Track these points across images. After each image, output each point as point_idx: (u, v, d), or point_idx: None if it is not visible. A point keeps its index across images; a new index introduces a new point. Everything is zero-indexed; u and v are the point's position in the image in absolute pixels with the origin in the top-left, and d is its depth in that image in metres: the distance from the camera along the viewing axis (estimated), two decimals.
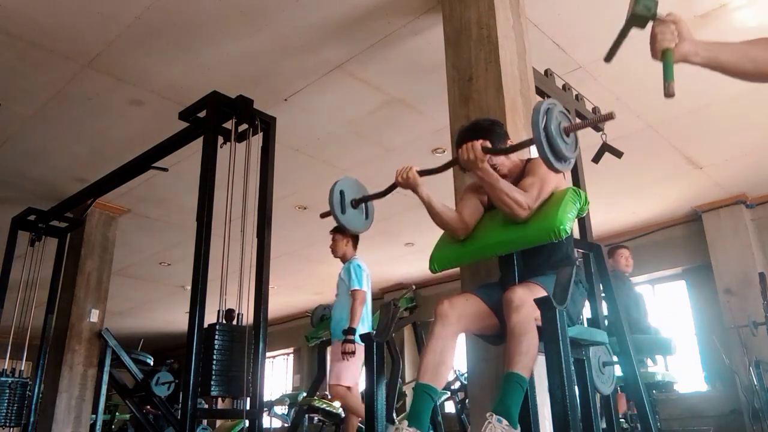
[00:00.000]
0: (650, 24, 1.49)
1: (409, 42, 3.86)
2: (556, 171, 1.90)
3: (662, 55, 1.43)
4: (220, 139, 3.42)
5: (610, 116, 1.81)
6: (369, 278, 4.45)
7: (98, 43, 3.80)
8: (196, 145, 3.54)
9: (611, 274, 4.93)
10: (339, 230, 4.57)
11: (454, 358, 2.09)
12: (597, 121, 1.88)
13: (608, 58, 1.54)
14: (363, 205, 2.49)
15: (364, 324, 4.30)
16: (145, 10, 3.51)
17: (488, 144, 2.12)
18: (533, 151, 2.73)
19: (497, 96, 2.74)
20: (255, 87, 4.12)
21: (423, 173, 2.25)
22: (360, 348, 4.18)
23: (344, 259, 4.52)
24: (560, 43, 3.92)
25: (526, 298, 1.95)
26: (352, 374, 4.22)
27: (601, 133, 3.69)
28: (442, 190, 2.37)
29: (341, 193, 2.42)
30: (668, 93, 1.40)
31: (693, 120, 4.82)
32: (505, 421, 1.79)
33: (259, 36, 3.79)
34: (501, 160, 2.25)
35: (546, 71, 3.34)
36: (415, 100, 4.54)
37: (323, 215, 2.46)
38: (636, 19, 1.52)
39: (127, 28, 3.66)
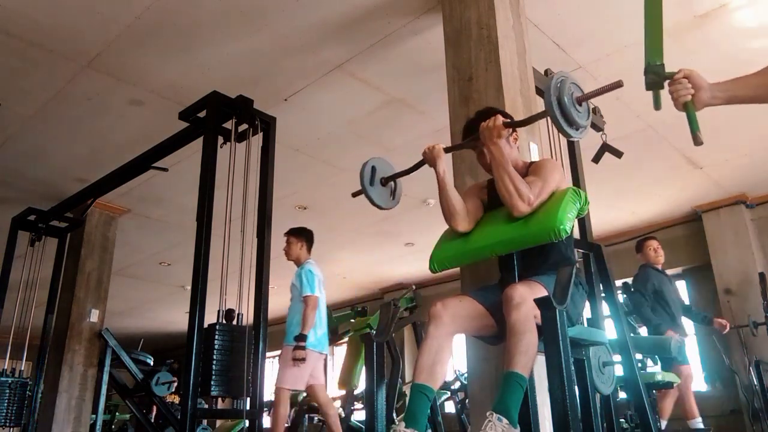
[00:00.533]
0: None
1: (409, 42, 3.86)
2: (570, 138, 1.98)
3: (684, 108, 1.57)
4: (220, 139, 3.42)
5: (618, 84, 1.89)
6: (322, 283, 4.46)
7: (98, 43, 3.80)
8: (196, 145, 3.54)
9: (642, 268, 4.92)
10: (293, 233, 4.61)
11: (450, 358, 2.09)
12: (606, 90, 1.96)
13: (657, 106, 1.68)
14: (391, 184, 2.59)
15: (317, 330, 4.34)
16: (145, 10, 3.51)
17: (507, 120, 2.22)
18: (534, 153, 2.74)
19: (497, 96, 2.74)
20: (255, 87, 4.12)
21: (448, 149, 2.37)
22: (311, 354, 4.23)
23: (298, 263, 4.56)
24: (560, 43, 3.92)
25: (526, 296, 1.94)
26: (295, 379, 4.26)
27: (601, 133, 3.70)
28: None
29: (373, 168, 2.53)
30: (697, 142, 1.53)
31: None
32: (505, 420, 1.78)
33: (259, 36, 3.79)
34: (506, 151, 2.26)
35: (546, 71, 3.34)
36: (415, 100, 4.54)
37: (355, 194, 2.57)
38: (653, 86, 1.67)
39: (127, 28, 3.66)
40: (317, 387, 4.39)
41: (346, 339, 5.93)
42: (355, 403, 5.85)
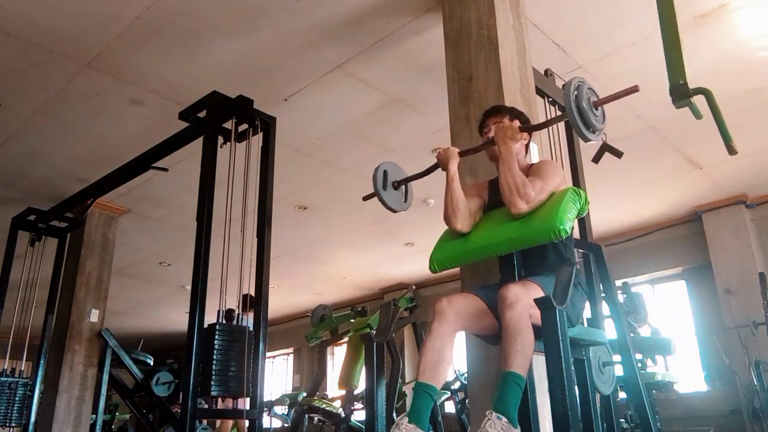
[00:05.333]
0: None
1: (409, 42, 3.86)
2: (587, 140, 2.04)
3: (716, 119, 1.66)
4: (220, 139, 3.42)
5: (634, 89, 1.96)
6: None
7: (98, 43, 3.80)
8: (196, 145, 3.54)
9: None
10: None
11: (452, 356, 2.09)
12: (622, 95, 2.00)
13: (697, 117, 1.79)
14: (403, 188, 2.67)
15: None
16: (145, 10, 3.51)
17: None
18: (534, 154, 2.74)
19: (497, 96, 2.74)
20: (255, 87, 4.12)
21: (463, 153, 2.42)
22: None
23: None
24: (560, 43, 3.92)
25: (520, 295, 1.95)
26: None
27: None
28: (443, 189, 2.38)
29: (385, 173, 2.58)
30: (732, 151, 1.63)
31: (693, 120, 4.80)
32: (504, 419, 1.79)
33: (259, 36, 3.79)
34: (517, 150, 2.31)
35: (546, 71, 3.34)
36: (415, 100, 4.54)
37: (366, 197, 2.62)
38: (681, 105, 1.85)
39: (127, 28, 3.66)
40: None
41: (346, 339, 5.93)
42: (355, 403, 5.85)
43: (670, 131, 5.07)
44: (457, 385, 6.09)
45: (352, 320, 5.98)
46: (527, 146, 2.45)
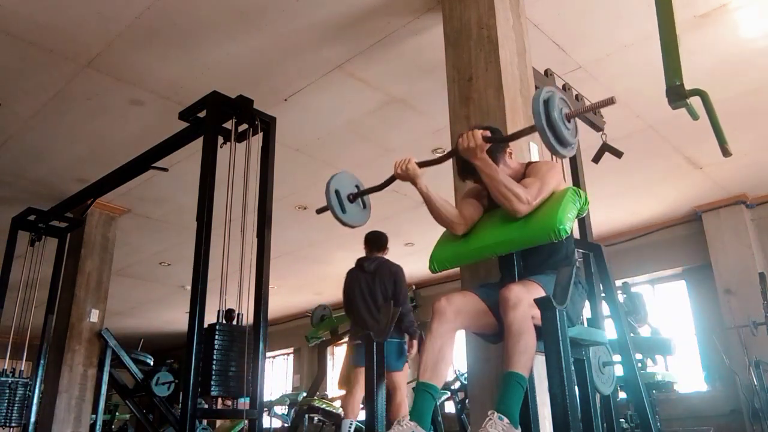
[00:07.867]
0: None
1: (409, 42, 3.86)
2: (560, 156, 1.91)
3: (712, 122, 1.67)
4: (220, 139, 3.42)
5: (610, 101, 1.83)
6: None
7: (98, 43, 3.80)
8: (196, 145, 3.54)
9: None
10: None
11: (452, 354, 2.09)
12: (597, 106, 1.89)
13: (694, 118, 1.81)
14: (360, 199, 2.53)
15: None
16: (145, 10, 3.51)
17: (488, 134, 2.13)
18: (534, 153, 2.74)
19: (497, 96, 2.74)
20: (255, 87, 4.12)
21: (422, 164, 2.26)
22: None
23: None
24: (560, 43, 3.92)
25: (522, 296, 1.95)
26: None
27: (601, 133, 3.70)
28: (443, 189, 2.37)
29: (337, 192, 2.44)
30: (726, 154, 1.63)
31: (693, 120, 4.82)
32: (506, 419, 1.80)
33: (259, 36, 3.79)
34: (500, 167, 2.23)
35: (546, 71, 3.35)
36: (415, 100, 4.54)
37: (319, 211, 2.52)
38: (677, 106, 1.87)
39: (127, 28, 3.66)
40: None
41: (346, 339, 5.93)
42: None
43: (670, 131, 5.07)
44: (457, 385, 6.08)
45: None
46: (510, 153, 2.34)
